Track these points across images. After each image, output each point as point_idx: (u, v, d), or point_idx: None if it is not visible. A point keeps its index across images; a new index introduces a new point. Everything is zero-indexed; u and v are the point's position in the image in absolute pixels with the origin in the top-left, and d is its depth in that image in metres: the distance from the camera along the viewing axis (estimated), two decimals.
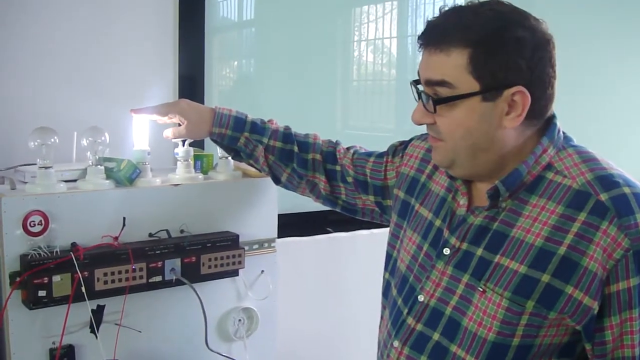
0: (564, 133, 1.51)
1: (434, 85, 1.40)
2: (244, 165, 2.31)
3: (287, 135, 2.02)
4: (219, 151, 2.28)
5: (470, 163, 1.45)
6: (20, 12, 2.34)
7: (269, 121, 2.05)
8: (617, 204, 1.34)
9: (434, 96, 1.41)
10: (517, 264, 1.40)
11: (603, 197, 1.35)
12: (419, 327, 1.53)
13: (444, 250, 1.53)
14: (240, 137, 2.00)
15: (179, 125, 2.04)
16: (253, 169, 2.30)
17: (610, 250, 1.32)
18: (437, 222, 1.59)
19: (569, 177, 1.41)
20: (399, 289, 1.64)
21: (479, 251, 1.46)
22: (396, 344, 1.56)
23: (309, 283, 2.92)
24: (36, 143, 1.94)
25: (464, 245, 1.50)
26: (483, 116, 1.39)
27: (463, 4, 1.43)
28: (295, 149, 2.00)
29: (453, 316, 1.48)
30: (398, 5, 3.45)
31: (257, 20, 3.13)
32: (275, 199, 2.31)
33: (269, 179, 2.23)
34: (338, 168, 1.97)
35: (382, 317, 1.75)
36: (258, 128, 2.01)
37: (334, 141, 2.05)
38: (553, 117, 1.49)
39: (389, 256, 1.76)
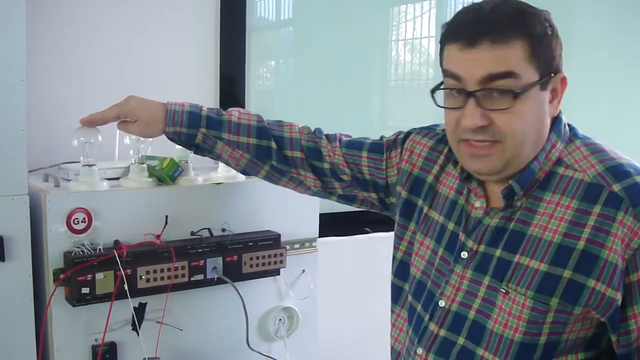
0: (568, 125, 1.50)
1: (497, 79, 1.35)
2: None
3: (261, 130, 1.87)
4: None
5: (524, 160, 1.42)
6: (66, 12, 2.36)
7: (227, 113, 1.89)
8: (630, 193, 1.34)
9: (501, 89, 1.35)
10: (537, 262, 1.38)
11: (616, 187, 1.35)
12: (443, 332, 1.51)
13: (462, 254, 1.51)
14: (197, 133, 1.86)
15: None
16: None
17: (628, 240, 1.32)
18: (451, 226, 1.57)
19: (580, 171, 1.41)
20: (415, 295, 1.61)
21: (498, 252, 1.45)
22: (420, 351, 1.54)
23: (349, 283, 2.91)
24: (79, 141, 1.95)
25: (482, 248, 1.48)
26: (540, 106, 1.39)
27: (485, 3, 1.40)
28: (273, 145, 1.87)
29: (477, 319, 1.46)
30: (436, 5, 3.43)
31: (295, 20, 3.13)
32: (317, 199, 2.30)
33: None
34: (327, 165, 1.86)
35: (393, 324, 1.72)
36: (214, 122, 1.86)
37: (312, 131, 1.92)
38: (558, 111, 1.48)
39: (394, 259, 1.73)
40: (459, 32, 1.39)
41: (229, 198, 2.15)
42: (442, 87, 1.45)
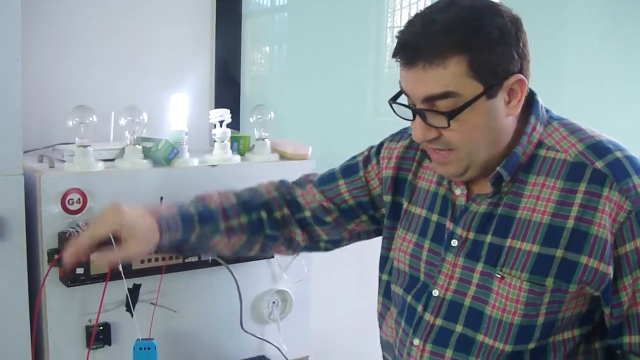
0: (544, 107, 1.51)
1: (436, 99, 1.34)
2: (281, 147, 2.31)
3: (246, 205, 1.74)
4: (256, 133, 2.28)
5: (484, 162, 1.42)
6: None
7: (202, 198, 1.73)
8: (613, 169, 1.36)
9: (437, 110, 1.35)
10: (529, 245, 1.39)
11: (599, 164, 1.37)
12: (439, 322, 1.51)
13: (452, 242, 1.51)
14: (192, 235, 1.65)
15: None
16: (290, 151, 2.30)
17: (614, 215, 1.34)
18: (434, 217, 1.57)
19: (562, 151, 1.42)
20: (406, 287, 1.61)
21: (488, 238, 1.45)
22: (416, 341, 1.53)
23: (343, 267, 2.91)
24: (74, 122, 1.95)
25: (471, 235, 1.48)
26: (490, 113, 1.37)
27: (429, 11, 1.37)
28: (263, 214, 1.75)
29: (474, 306, 1.47)
30: None
31: (289, 6, 3.13)
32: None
33: (306, 162, 2.23)
34: (308, 214, 1.78)
35: (383, 317, 1.72)
36: (206, 216, 1.67)
37: (280, 184, 1.83)
38: (533, 94, 1.48)
39: (383, 258, 1.72)
40: (399, 50, 1.37)
41: (224, 180, 2.14)
42: (397, 100, 1.43)
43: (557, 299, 1.39)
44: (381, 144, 1.75)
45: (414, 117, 1.39)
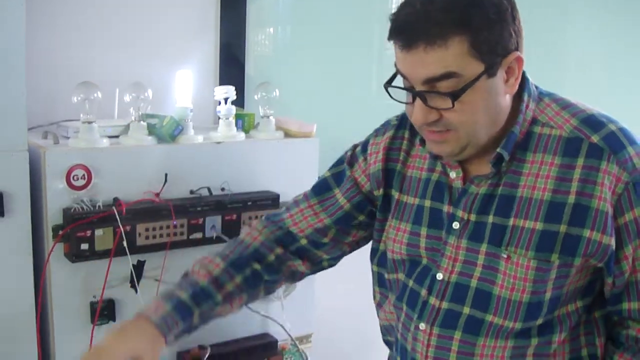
0: (533, 84, 1.50)
1: (437, 81, 1.33)
2: (286, 125, 2.31)
3: (235, 263, 1.67)
4: (261, 110, 2.28)
5: (483, 141, 1.42)
6: None
7: (196, 274, 1.65)
8: (609, 142, 1.37)
9: (440, 92, 1.33)
10: (532, 222, 1.40)
11: (595, 138, 1.38)
12: (445, 305, 1.50)
13: (453, 224, 1.49)
14: (193, 320, 1.60)
15: None
16: (295, 129, 2.30)
17: (613, 187, 1.35)
18: (428, 203, 1.55)
19: (556, 127, 1.42)
20: (407, 272, 1.59)
21: (490, 218, 1.45)
22: (423, 326, 1.52)
23: None
24: (79, 98, 1.95)
25: (473, 217, 1.47)
26: (491, 92, 1.37)
27: None
28: (256, 265, 1.68)
29: (481, 287, 1.46)
30: None
31: None
32: (316, 159, 2.31)
33: (311, 140, 2.23)
34: (304, 242, 1.73)
35: (381, 305, 1.71)
36: (201, 295, 1.60)
37: (268, 219, 1.77)
38: (523, 71, 1.47)
39: (374, 250, 1.71)
40: (396, 32, 1.35)
41: (229, 157, 2.15)
42: (393, 84, 1.41)
43: (564, 273, 1.40)
44: (367, 142, 1.72)
45: (414, 99, 1.37)
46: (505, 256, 1.42)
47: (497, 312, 1.44)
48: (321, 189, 1.75)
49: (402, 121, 1.64)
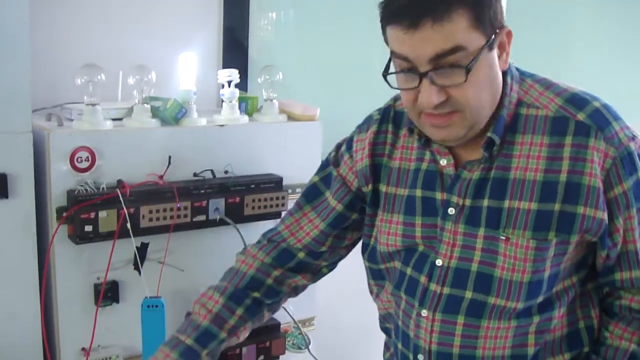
0: (513, 65, 1.51)
1: (444, 57, 1.32)
2: (289, 108, 2.31)
3: (233, 296, 1.70)
4: (264, 94, 2.28)
5: (484, 121, 1.42)
6: None
7: (197, 314, 1.68)
8: (595, 119, 1.40)
9: (453, 64, 1.32)
10: (527, 203, 1.42)
11: (580, 116, 1.41)
12: (447, 290, 1.51)
13: (449, 211, 1.50)
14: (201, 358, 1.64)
15: None
16: (299, 112, 2.30)
17: (602, 163, 1.39)
18: (419, 193, 1.56)
19: (542, 107, 1.44)
20: (404, 260, 1.60)
21: (485, 202, 1.46)
22: (425, 312, 1.53)
23: None
24: (83, 80, 1.95)
25: (468, 202, 1.48)
26: (492, 66, 1.38)
27: None
28: (254, 294, 1.71)
29: (482, 270, 1.47)
30: None
31: None
32: (319, 142, 2.31)
33: (314, 123, 2.23)
34: (301, 255, 1.75)
35: (378, 295, 1.72)
36: (203, 335, 1.65)
37: (262, 242, 1.79)
38: None
39: (365, 245, 1.71)
40: (398, 14, 1.33)
41: (232, 140, 2.15)
42: (392, 70, 1.41)
43: (561, 250, 1.43)
44: (351, 139, 1.71)
45: (420, 82, 1.35)
46: (503, 238, 1.44)
47: (499, 294, 1.46)
48: (312, 195, 1.76)
49: (385, 115, 1.65)
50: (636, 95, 3.71)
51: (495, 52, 1.38)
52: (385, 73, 1.42)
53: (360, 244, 1.77)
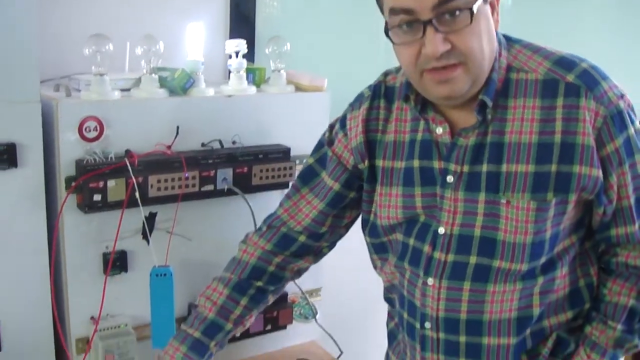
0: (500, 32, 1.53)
1: (448, 1, 1.33)
2: (297, 78, 2.31)
3: (237, 286, 1.78)
4: (272, 64, 2.28)
5: (484, 77, 1.44)
6: None
7: (203, 307, 1.78)
8: (584, 79, 1.43)
9: (455, 7, 1.33)
10: (524, 166, 1.45)
11: (570, 78, 1.44)
12: (451, 257, 1.53)
13: (447, 179, 1.52)
14: (210, 350, 1.75)
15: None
16: (306, 82, 2.29)
17: (593, 121, 1.42)
18: (416, 163, 1.57)
19: (531, 71, 1.47)
20: (405, 231, 1.61)
21: (484, 167, 1.48)
22: (431, 281, 1.55)
23: None
24: (91, 50, 1.94)
25: (466, 168, 1.50)
26: (488, 20, 1.41)
27: None
28: (257, 283, 1.79)
29: (485, 235, 1.49)
30: None
31: None
32: (327, 113, 2.30)
33: (322, 93, 2.23)
34: (302, 239, 1.79)
35: (381, 268, 1.74)
36: (210, 327, 1.75)
37: (262, 230, 1.84)
38: None
39: (365, 221, 1.73)
40: None
41: (240, 110, 2.15)
42: (395, 24, 1.40)
43: (561, 210, 1.46)
44: (344, 117, 1.74)
45: (424, 32, 1.36)
46: (504, 202, 1.46)
47: (503, 256, 1.48)
48: (309, 176, 1.79)
49: (376, 91, 1.67)
50: None
51: (488, 8, 1.40)
52: (387, 30, 1.42)
53: (359, 220, 1.79)
